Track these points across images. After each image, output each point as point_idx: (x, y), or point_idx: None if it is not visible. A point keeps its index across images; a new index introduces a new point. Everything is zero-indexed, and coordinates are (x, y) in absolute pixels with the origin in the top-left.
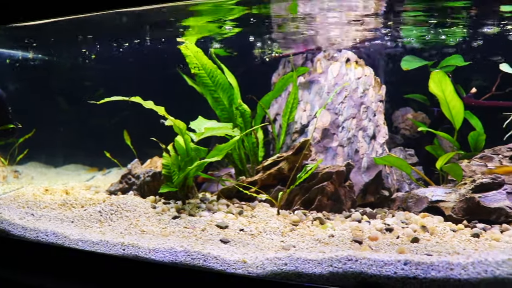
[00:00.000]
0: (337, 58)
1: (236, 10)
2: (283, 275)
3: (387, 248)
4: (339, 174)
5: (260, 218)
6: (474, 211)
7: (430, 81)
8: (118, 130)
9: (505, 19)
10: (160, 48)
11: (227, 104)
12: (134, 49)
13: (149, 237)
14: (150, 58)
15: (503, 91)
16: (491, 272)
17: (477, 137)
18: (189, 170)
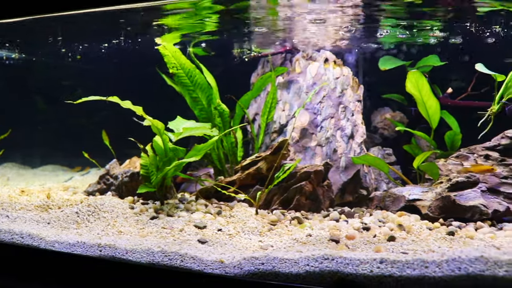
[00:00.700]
0: (316, 58)
1: (214, 8)
2: (260, 275)
3: (364, 247)
4: (317, 174)
5: (238, 218)
6: (450, 209)
7: (407, 81)
8: (97, 130)
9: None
10: (139, 47)
11: (205, 104)
12: (113, 48)
13: (126, 238)
14: (129, 58)
15: (479, 91)
16: (464, 269)
17: (454, 137)
18: (167, 170)
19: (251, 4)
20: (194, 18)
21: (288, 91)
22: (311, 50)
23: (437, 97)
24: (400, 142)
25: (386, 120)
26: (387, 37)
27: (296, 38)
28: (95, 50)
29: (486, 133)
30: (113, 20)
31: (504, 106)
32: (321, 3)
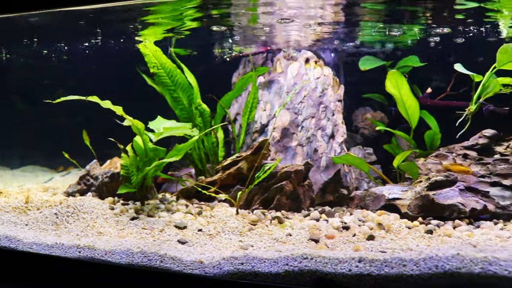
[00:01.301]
0: (297, 58)
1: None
2: (239, 275)
3: (343, 246)
4: (297, 173)
5: (219, 218)
6: (428, 208)
7: (387, 81)
8: (79, 131)
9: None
10: (119, 47)
11: (186, 104)
12: (94, 48)
13: (106, 239)
14: (109, 58)
15: (458, 91)
16: (441, 267)
17: (433, 136)
18: (148, 171)
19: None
20: (174, 13)
21: (269, 91)
22: (292, 50)
23: (416, 97)
24: (381, 141)
25: (367, 120)
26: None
27: (278, 37)
28: (76, 49)
29: (465, 132)
30: (92, 19)
31: (481, 106)
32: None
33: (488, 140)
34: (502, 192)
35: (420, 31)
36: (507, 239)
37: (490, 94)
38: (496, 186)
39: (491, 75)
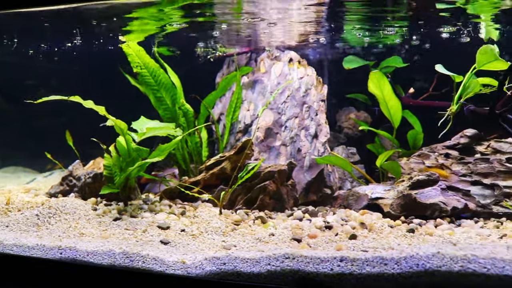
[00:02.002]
0: (280, 58)
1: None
2: (222, 275)
3: (326, 246)
4: (281, 173)
5: (202, 218)
6: (411, 207)
7: (369, 81)
8: (62, 131)
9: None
10: (102, 46)
11: (170, 104)
12: (77, 48)
13: (88, 240)
14: (93, 57)
15: (440, 91)
16: (422, 265)
17: (416, 136)
18: (130, 171)
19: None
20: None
21: (253, 91)
22: (276, 50)
23: (399, 97)
24: (364, 141)
25: (351, 120)
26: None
27: (262, 37)
28: (59, 49)
29: (448, 132)
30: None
31: (462, 106)
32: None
33: (469, 140)
34: (483, 191)
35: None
36: (487, 237)
37: (471, 94)
38: (477, 185)
39: (471, 75)
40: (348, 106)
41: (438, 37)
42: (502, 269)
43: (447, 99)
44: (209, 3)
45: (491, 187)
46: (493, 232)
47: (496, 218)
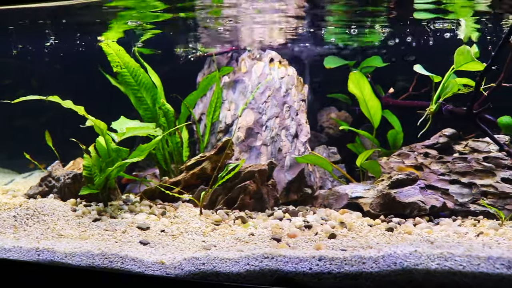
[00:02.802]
0: (261, 58)
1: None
2: (201, 275)
3: (305, 245)
4: (261, 173)
5: (182, 219)
6: (390, 206)
7: (349, 81)
8: (43, 131)
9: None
10: (83, 46)
11: (150, 104)
12: (57, 47)
13: (66, 241)
14: (73, 57)
15: (419, 91)
16: (400, 264)
17: (396, 135)
18: (110, 171)
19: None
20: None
21: (234, 91)
22: (257, 50)
23: (379, 97)
24: (345, 141)
25: (332, 119)
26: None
27: (243, 37)
28: (38, 48)
29: (429, 131)
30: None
31: (441, 106)
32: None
33: (448, 139)
34: (461, 189)
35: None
36: (465, 235)
37: (449, 94)
38: (455, 183)
39: (450, 76)
40: (329, 106)
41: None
42: (477, 266)
43: (427, 99)
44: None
45: (469, 185)
46: (470, 230)
47: (473, 216)
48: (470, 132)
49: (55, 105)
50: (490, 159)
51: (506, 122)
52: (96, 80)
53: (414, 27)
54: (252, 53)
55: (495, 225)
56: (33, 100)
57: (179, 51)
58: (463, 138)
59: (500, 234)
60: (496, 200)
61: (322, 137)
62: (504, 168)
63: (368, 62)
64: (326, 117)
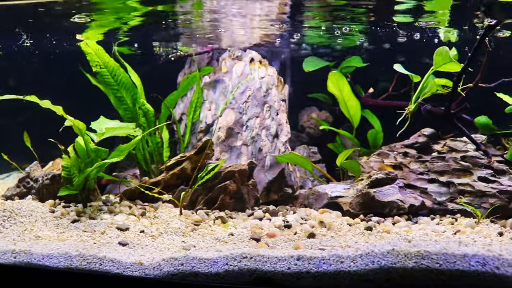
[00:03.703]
0: (242, 57)
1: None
2: (180, 275)
3: (284, 245)
4: (241, 173)
5: (162, 219)
6: (369, 205)
7: (328, 81)
8: (22, 131)
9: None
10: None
11: (130, 104)
12: (37, 47)
13: (43, 243)
14: (52, 56)
15: (398, 91)
16: (377, 262)
17: (376, 135)
18: (89, 172)
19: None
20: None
21: (215, 91)
22: (237, 50)
23: (359, 97)
24: (326, 140)
25: (313, 119)
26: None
27: (224, 36)
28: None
29: (409, 131)
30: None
31: (420, 106)
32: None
33: (427, 139)
34: (439, 188)
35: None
36: (442, 233)
37: (428, 95)
38: (434, 182)
39: (429, 76)
40: (310, 106)
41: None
42: (453, 264)
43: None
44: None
45: (447, 184)
46: (448, 228)
47: (451, 215)
48: (449, 132)
49: (33, 105)
50: (468, 158)
51: (482, 122)
52: (76, 80)
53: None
54: (232, 53)
55: (472, 223)
56: (10, 100)
57: (159, 51)
58: (442, 138)
59: (476, 232)
60: (473, 198)
61: (303, 137)
62: (481, 167)
63: (348, 62)
64: (307, 117)
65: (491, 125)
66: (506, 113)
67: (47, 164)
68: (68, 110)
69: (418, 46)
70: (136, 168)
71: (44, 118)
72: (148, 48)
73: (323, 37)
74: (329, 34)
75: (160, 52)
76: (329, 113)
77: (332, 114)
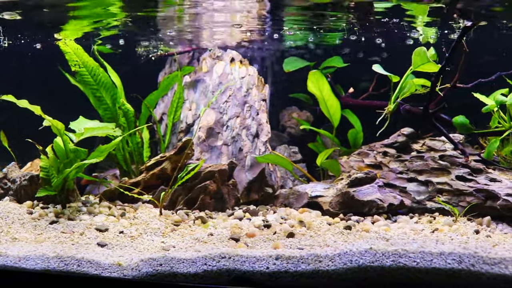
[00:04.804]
0: (222, 57)
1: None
2: (158, 276)
3: (263, 244)
4: (221, 173)
5: (142, 220)
6: (349, 204)
7: (308, 81)
8: None
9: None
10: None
11: (110, 104)
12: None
13: (20, 245)
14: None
15: (378, 91)
16: (355, 261)
17: (356, 135)
18: (68, 173)
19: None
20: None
21: (195, 91)
22: (218, 50)
23: (338, 96)
24: (307, 140)
25: (294, 119)
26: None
27: (205, 36)
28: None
29: (390, 130)
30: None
31: (399, 106)
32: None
33: (406, 138)
34: (418, 187)
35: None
36: (421, 232)
37: (407, 94)
38: (413, 181)
39: (408, 76)
40: (291, 106)
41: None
42: (430, 262)
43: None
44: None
45: (426, 183)
46: (426, 226)
47: (429, 213)
48: (428, 131)
49: (11, 104)
50: (446, 157)
51: (460, 122)
52: (55, 79)
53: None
54: (213, 53)
55: (449, 221)
56: None
57: (140, 50)
58: (421, 137)
59: (453, 230)
60: (451, 197)
61: (284, 136)
62: (459, 166)
63: (329, 62)
64: (288, 117)
65: (469, 124)
66: (483, 112)
67: (26, 165)
68: (46, 110)
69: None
70: (117, 169)
71: (23, 118)
72: (129, 47)
73: (303, 36)
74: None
75: (141, 51)
76: (310, 113)
77: (313, 114)
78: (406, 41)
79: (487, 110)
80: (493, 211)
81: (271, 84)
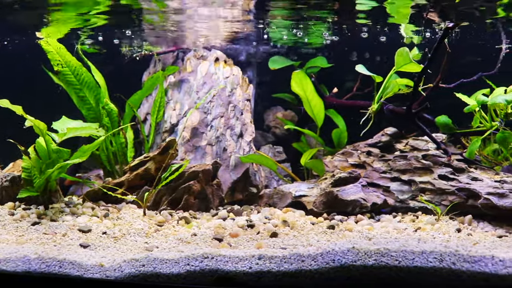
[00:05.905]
0: (207, 57)
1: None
2: (141, 277)
3: (247, 244)
4: (205, 173)
5: (125, 220)
6: (333, 204)
7: (292, 81)
8: None
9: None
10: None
11: (93, 103)
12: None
13: (1, 247)
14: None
15: (363, 91)
16: (338, 261)
17: (340, 134)
18: (50, 173)
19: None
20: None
21: (179, 90)
22: (202, 49)
23: (323, 96)
24: (291, 140)
25: (278, 119)
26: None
27: (189, 35)
28: None
29: (374, 130)
30: None
31: (383, 106)
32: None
33: (390, 138)
34: (401, 186)
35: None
36: (403, 231)
37: (390, 94)
38: (396, 181)
39: (391, 76)
40: (276, 105)
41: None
42: (412, 261)
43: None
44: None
45: (409, 183)
46: (409, 225)
47: (412, 212)
48: (412, 131)
49: None
50: (429, 157)
51: (443, 122)
52: (38, 79)
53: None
54: (197, 53)
55: (432, 220)
56: None
57: (124, 50)
58: (405, 137)
59: (436, 229)
60: (433, 196)
61: (269, 136)
62: (441, 166)
63: (313, 62)
64: (272, 117)
65: (451, 124)
66: (465, 112)
67: (8, 165)
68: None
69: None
70: (100, 169)
71: (4, 118)
72: (113, 47)
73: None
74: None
75: (125, 51)
76: (294, 112)
77: (297, 114)
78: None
79: (469, 110)
80: (474, 210)
81: (256, 85)
